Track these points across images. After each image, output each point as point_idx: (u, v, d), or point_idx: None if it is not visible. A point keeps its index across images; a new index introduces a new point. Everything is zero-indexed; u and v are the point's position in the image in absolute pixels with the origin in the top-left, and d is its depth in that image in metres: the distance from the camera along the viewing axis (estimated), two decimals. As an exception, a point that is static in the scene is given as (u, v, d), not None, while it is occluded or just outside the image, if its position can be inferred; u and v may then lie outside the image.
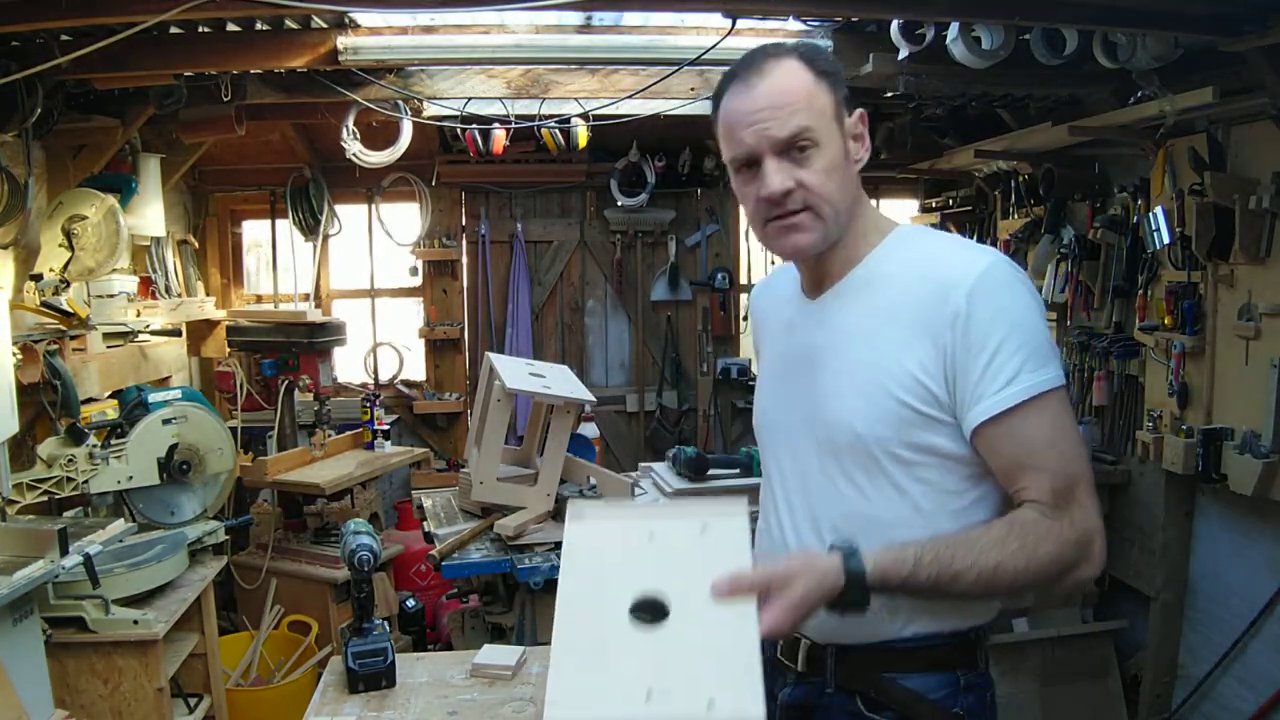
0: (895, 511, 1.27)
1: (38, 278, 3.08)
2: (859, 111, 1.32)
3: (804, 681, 1.38)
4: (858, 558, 1.14)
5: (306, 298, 5.04)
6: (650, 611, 1.08)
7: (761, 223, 1.30)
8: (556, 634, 1.07)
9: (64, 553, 2.35)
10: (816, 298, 1.38)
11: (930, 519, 1.26)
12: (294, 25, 3.07)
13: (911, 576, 1.15)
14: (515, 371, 2.90)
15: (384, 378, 5.19)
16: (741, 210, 5.22)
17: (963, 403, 1.22)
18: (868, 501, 1.28)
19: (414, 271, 5.16)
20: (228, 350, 4.43)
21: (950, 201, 4.92)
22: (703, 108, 3.89)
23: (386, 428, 4.34)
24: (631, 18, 3.29)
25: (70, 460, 2.80)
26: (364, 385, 5.12)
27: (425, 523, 3.07)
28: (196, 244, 4.88)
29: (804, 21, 3.12)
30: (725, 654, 1.02)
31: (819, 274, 1.37)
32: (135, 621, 2.60)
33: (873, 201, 1.60)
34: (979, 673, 1.34)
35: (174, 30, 2.91)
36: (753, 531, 1.26)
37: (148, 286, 4.17)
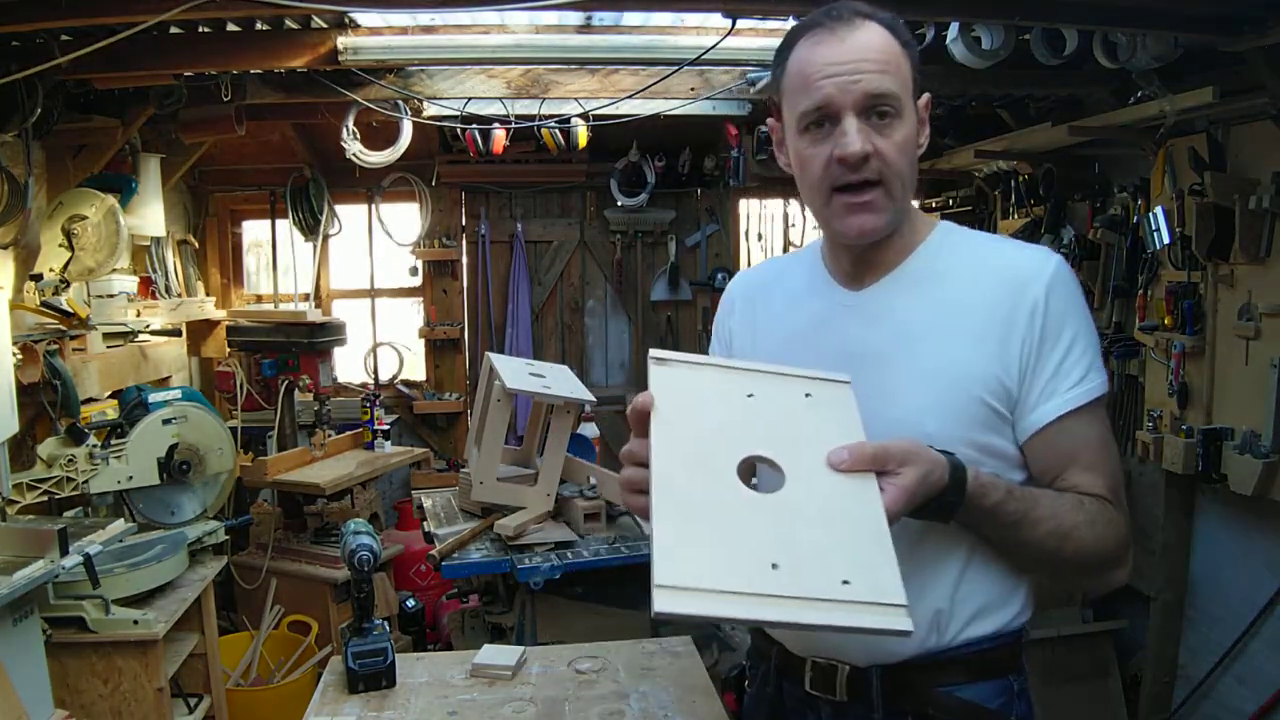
0: None
1: (38, 278, 3.08)
2: (927, 95, 1.23)
3: (844, 713, 1.25)
4: (960, 461, 1.10)
5: (306, 298, 5.04)
6: (759, 477, 0.98)
7: (827, 191, 1.18)
8: (657, 493, 0.94)
9: (64, 553, 2.35)
10: (860, 288, 1.27)
11: None
12: (294, 25, 3.07)
13: (1003, 503, 1.12)
14: (515, 371, 2.90)
15: (384, 378, 5.19)
16: (742, 210, 5.33)
17: (1027, 398, 1.19)
18: None
19: (414, 271, 5.16)
20: (228, 350, 4.43)
21: (950, 201, 4.92)
22: (703, 107, 3.89)
23: (386, 428, 4.35)
24: (631, 18, 3.28)
25: (70, 460, 2.80)
26: (364, 385, 5.12)
27: (425, 523, 3.08)
28: (196, 244, 4.88)
29: (804, 22, 3.12)
30: (853, 530, 0.94)
31: (868, 262, 1.26)
32: (135, 621, 2.60)
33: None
34: (1024, 677, 1.28)
35: (174, 30, 2.91)
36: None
37: (148, 286, 4.17)
